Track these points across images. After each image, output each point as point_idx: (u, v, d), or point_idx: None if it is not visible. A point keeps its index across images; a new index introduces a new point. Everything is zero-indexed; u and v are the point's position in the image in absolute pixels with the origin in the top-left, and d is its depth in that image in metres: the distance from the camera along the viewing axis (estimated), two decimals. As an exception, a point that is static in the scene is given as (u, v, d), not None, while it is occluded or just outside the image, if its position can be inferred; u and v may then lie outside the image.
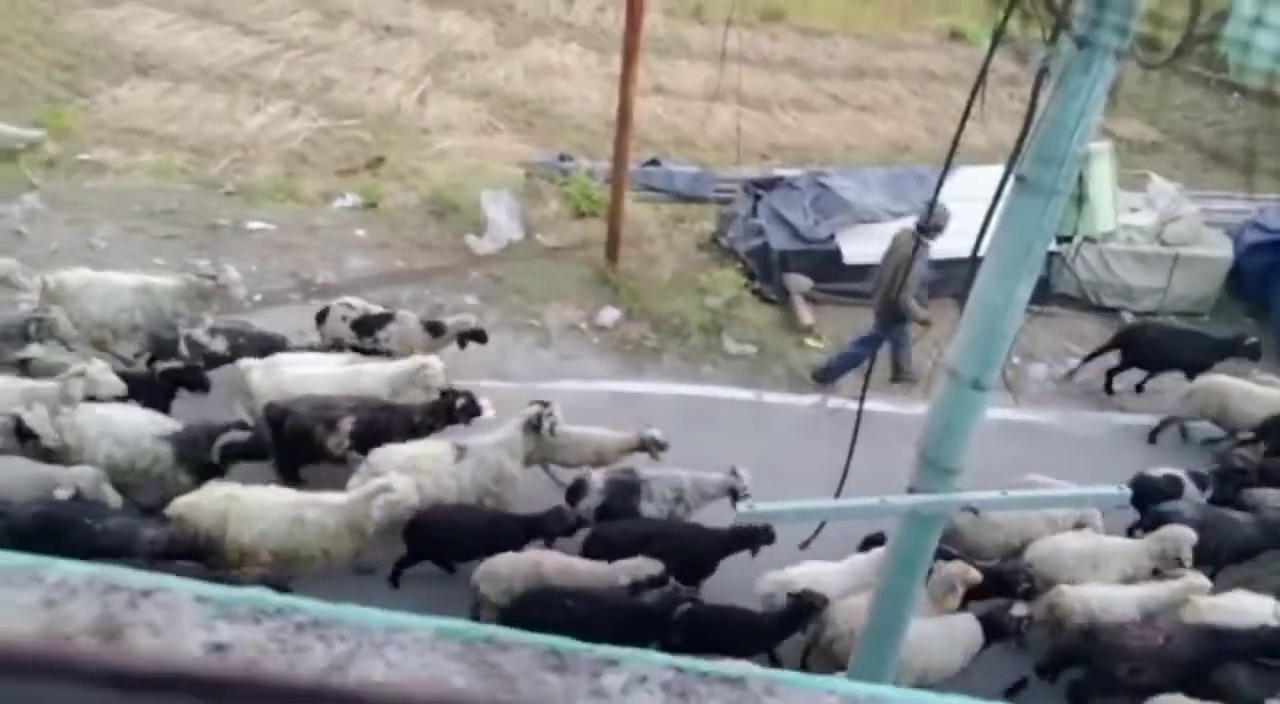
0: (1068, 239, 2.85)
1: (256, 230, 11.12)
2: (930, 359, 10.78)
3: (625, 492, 7.27)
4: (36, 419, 6.64)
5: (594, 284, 10.93)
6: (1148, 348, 10.17)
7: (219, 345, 8.12)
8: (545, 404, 7.54)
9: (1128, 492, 4.42)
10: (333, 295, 10.26)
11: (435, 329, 8.74)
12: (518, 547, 6.84)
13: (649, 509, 7.29)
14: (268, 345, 8.30)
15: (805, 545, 7.09)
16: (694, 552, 7.06)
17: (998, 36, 3.02)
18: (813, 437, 8.77)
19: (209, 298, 8.49)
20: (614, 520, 7.20)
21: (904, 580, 4.37)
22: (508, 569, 6.60)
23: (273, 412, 7.31)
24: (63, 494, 6.43)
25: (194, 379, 7.67)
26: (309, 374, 7.79)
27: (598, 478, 7.31)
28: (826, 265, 11.32)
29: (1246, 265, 12.06)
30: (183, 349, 8.00)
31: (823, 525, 6.92)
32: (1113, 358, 10.35)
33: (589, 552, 6.91)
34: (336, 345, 8.67)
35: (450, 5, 18.00)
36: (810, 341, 10.93)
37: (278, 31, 16.02)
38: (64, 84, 13.73)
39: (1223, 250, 12.06)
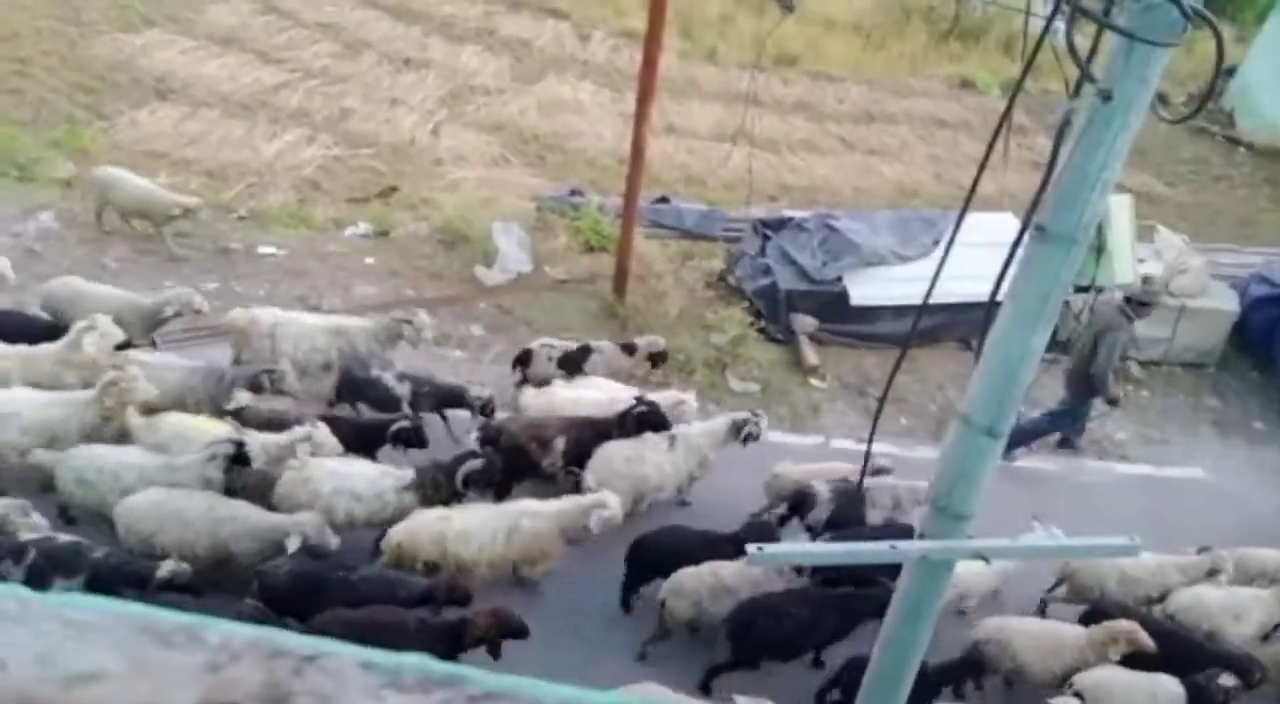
0: (1085, 289, 2.86)
1: (267, 255, 11.20)
2: (934, 403, 10.80)
3: (852, 501, 7.85)
4: (255, 446, 6.73)
5: (601, 318, 10.97)
6: None
7: (403, 391, 8.32)
8: (756, 414, 8.22)
9: (1138, 542, 4.38)
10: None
11: (629, 349, 9.53)
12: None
13: (874, 517, 7.90)
14: (448, 397, 8.50)
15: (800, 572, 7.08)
16: None
17: (1017, 89, 3.06)
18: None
19: (399, 340, 8.66)
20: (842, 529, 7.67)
21: (911, 627, 4.32)
22: (691, 582, 6.85)
23: (489, 431, 7.88)
24: (293, 544, 6.54)
25: (419, 439, 7.80)
26: (578, 397, 8.58)
27: (823, 489, 7.87)
28: (833, 307, 11.36)
29: (1252, 319, 12.07)
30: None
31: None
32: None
33: None
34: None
35: (468, 40, 18.27)
36: (814, 382, 10.93)
37: (298, 61, 16.24)
38: (85, 106, 13.90)
39: (1228, 303, 12.09)
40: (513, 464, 7.72)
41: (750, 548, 3.61)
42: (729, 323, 11.15)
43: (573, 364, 9.20)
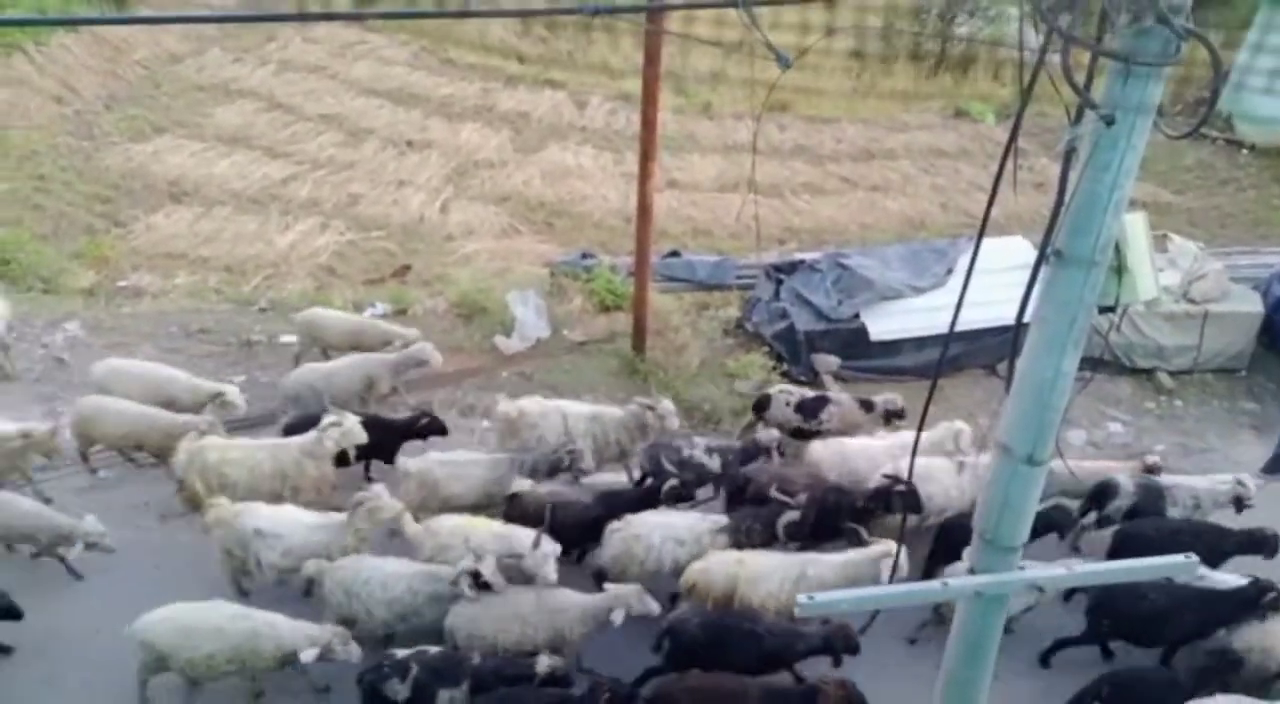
0: (1110, 309, 2.88)
1: (290, 344, 11.33)
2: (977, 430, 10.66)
3: (1154, 496, 8.34)
4: (488, 569, 6.96)
5: (623, 376, 10.99)
6: None
7: (714, 463, 8.75)
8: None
9: (1195, 560, 4.29)
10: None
11: (867, 406, 9.76)
12: None
13: (1173, 512, 8.31)
14: (745, 457, 8.89)
15: (862, 632, 6.95)
16: (1211, 548, 7.75)
17: (1018, 121, 3.10)
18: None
19: (646, 428, 8.96)
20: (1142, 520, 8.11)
21: (973, 667, 4.22)
22: None
23: (735, 481, 8.40)
24: (619, 618, 6.92)
25: (689, 494, 8.44)
26: (864, 446, 8.92)
27: (1127, 482, 8.35)
28: (853, 344, 11.35)
29: (1278, 318, 11.95)
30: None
31: (876, 614, 6.80)
32: None
33: (1121, 549, 7.81)
34: None
35: (468, 117, 18.71)
36: None
37: (304, 153, 16.66)
38: (102, 215, 14.29)
39: (1252, 305, 11.98)
40: (823, 519, 7.99)
41: (801, 598, 3.56)
42: (751, 369, 11.15)
43: (809, 411, 9.63)
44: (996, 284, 5.37)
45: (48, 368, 10.58)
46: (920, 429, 4.28)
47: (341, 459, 8.37)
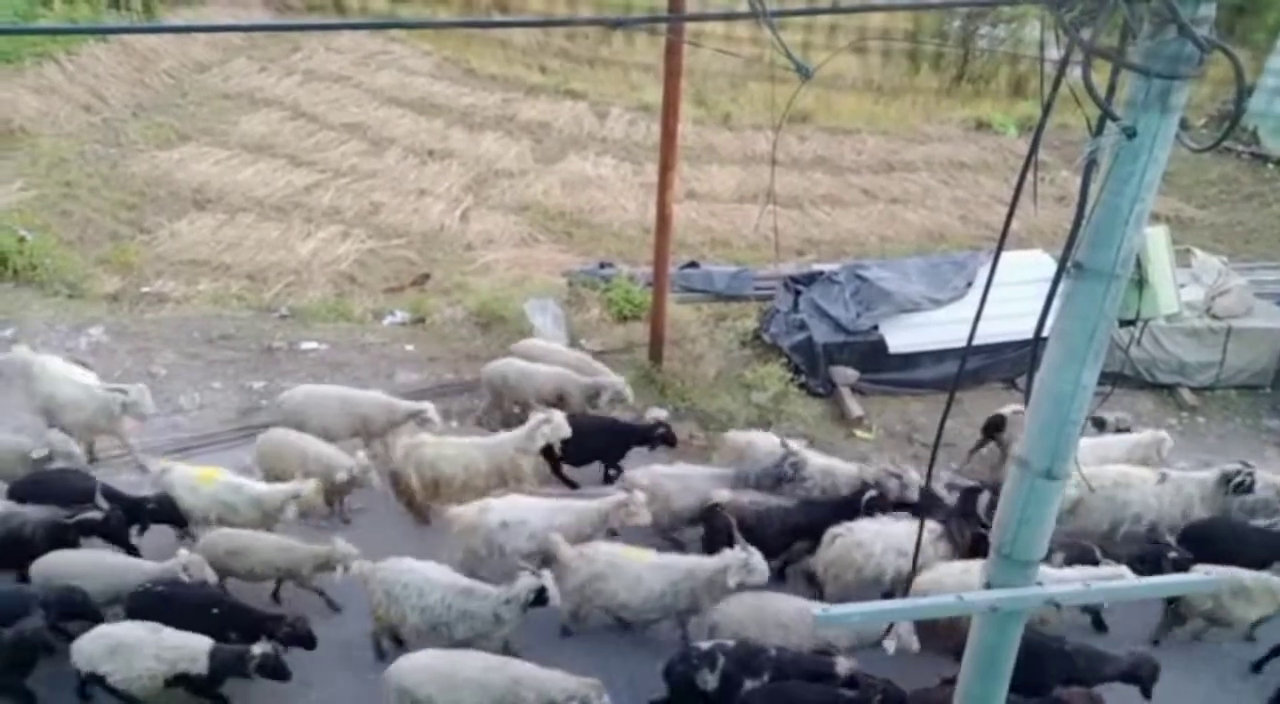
0: (1130, 323, 2.85)
1: (310, 350, 11.43)
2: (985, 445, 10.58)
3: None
4: (551, 587, 7.25)
5: (640, 385, 10.98)
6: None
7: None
8: (1248, 464, 8.49)
9: (1213, 577, 4.24)
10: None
11: (1098, 424, 9.96)
12: None
13: None
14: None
15: (878, 644, 6.91)
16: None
17: (1039, 134, 3.08)
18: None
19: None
20: None
21: (987, 682, 4.18)
22: None
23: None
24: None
25: (888, 505, 8.40)
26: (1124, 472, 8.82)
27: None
28: (871, 356, 11.31)
29: (1303, 335, 11.82)
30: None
31: (891, 625, 6.76)
32: None
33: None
34: None
35: (488, 127, 18.82)
36: (860, 433, 10.82)
37: (327, 162, 16.81)
38: (128, 222, 14.46)
39: (1276, 321, 11.84)
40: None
41: (815, 610, 3.55)
42: (768, 381, 11.13)
43: None
44: (1016, 297, 5.35)
45: (72, 371, 10.71)
46: (937, 445, 4.25)
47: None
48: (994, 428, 9.79)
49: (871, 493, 8.19)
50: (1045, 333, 3.43)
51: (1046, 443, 3.50)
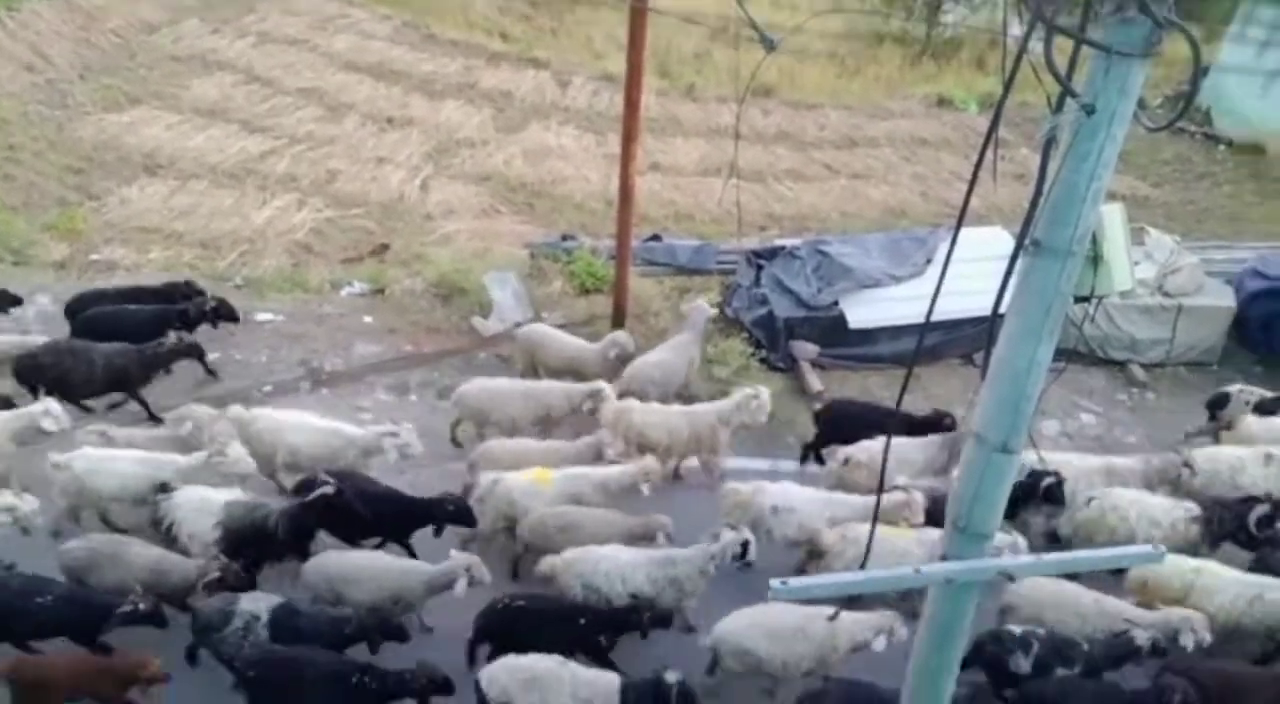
0: (1085, 299, 2.89)
1: (266, 322, 11.22)
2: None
3: None
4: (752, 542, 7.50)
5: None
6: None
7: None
8: None
9: (1162, 550, 4.34)
10: (342, 382, 10.32)
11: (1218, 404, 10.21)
12: None
13: None
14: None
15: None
16: None
17: (999, 110, 3.09)
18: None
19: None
20: None
21: (942, 654, 4.26)
22: None
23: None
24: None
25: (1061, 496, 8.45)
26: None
27: None
28: (832, 331, 11.38)
29: (1250, 313, 12.10)
30: None
31: (854, 598, 6.86)
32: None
33: None
34: None
35: (449, 95, 18.51)
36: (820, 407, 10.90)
37: (282, 128, 16.42)
38: (75, 187, 14.03)
39: (1225, 299, 12.12)
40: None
41: (774, 583, 3.57)
42: (730, 355, 11.15)
43: (1266, 410, 9.92)
44: (975, 274, 5.36)
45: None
46: (895, 419, 4.30)
47: None
48: (1217, 405, 10.12)
49: (1050, 480, 8.05)
50: (1003, 309, 3.46)
51: (1003, 418, 3.55)
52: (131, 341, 9.30)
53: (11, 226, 12.49)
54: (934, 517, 7.72)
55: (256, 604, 6.68)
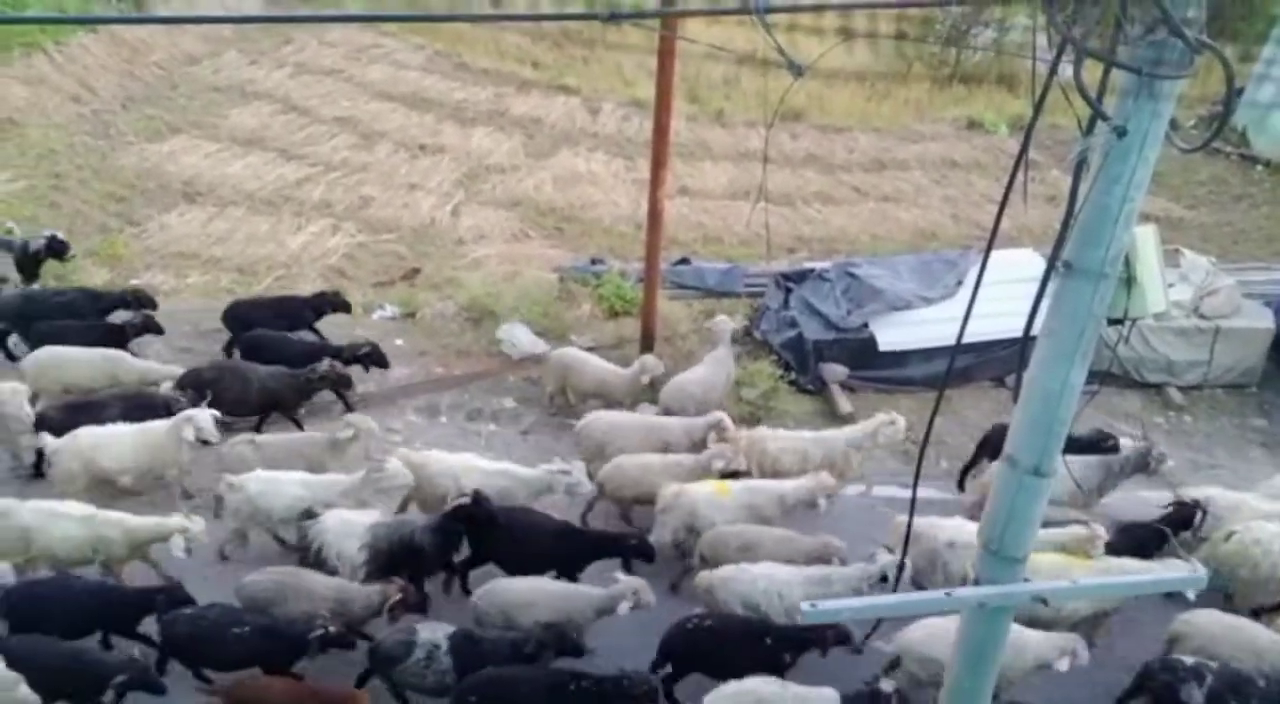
0: (1119, 322, 2.86)
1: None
2: (973, 443, 10.63)
3: None
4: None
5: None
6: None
7: None
8: None
9: (1203, 573, 4.27)
10: (374, 404, 10.44)
11: None
12: None
13: None
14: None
15: (865, 641, 6.93)
16: None
17: (1029, 132, 3.10)
18: (865, 525, 8.66)
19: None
20: None
21: (976, 678, 4.21)
22: None
23: None
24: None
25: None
26: None
27: None
28: (861, 354, 11.33)
29: (1290, 335, 11.90)
30: None
31: (879, 622, 6.78)
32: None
33: None
34: None
35: (480, 122, 18.78)
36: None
37: (318, 155, 16.74)
38: (117, 214, 14.37)
39: (1264, 321, 11.92)
40: None
41: (804, 606, 3.56)
42: (759, 377, 11.13)
43: None
44: (1006, 296, 5.37)
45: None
46: (926, 441, 4.27)
47: None
48: None
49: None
50: (1034, 331, 3.45)
51: (1035, 441, 3.53)
52: (290, 366, 9.80)
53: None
54: (1114, 548, 7.74)
55: (435, 633, 6.77)
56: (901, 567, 5.53)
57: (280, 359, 9.97)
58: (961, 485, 9.67)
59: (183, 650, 6.91)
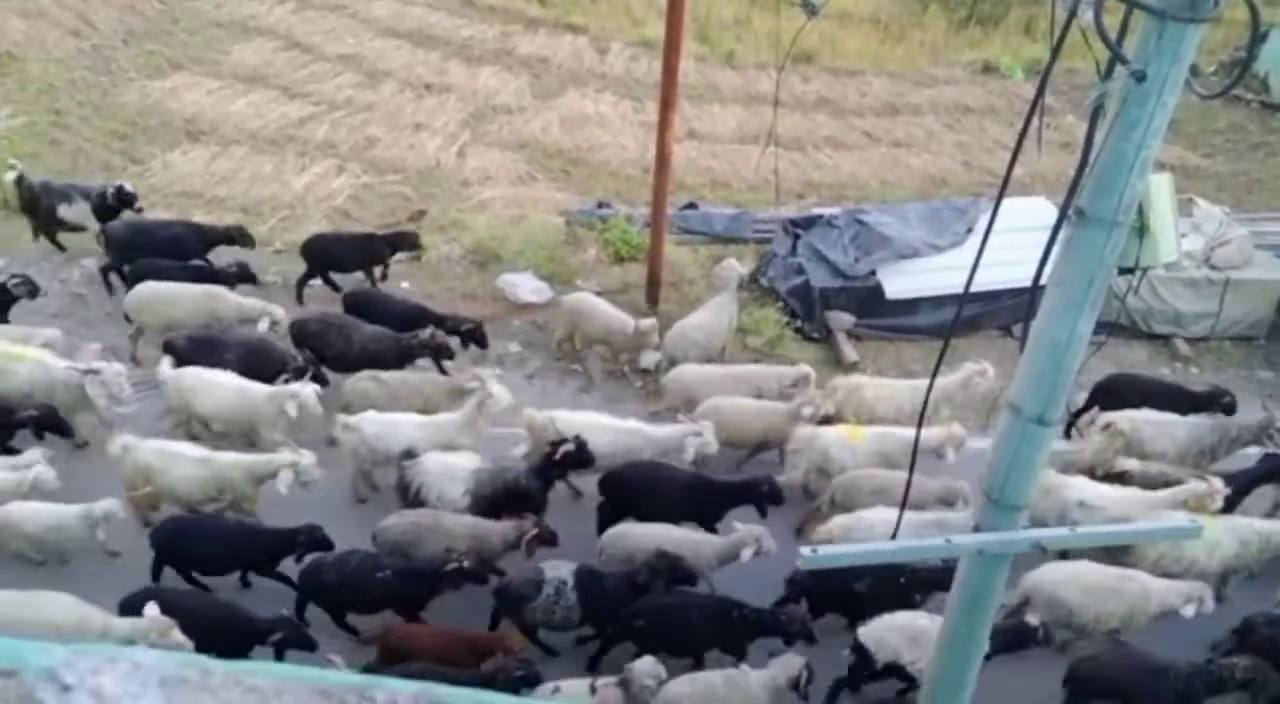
0: (1129, 271, 2.82)
1: (305, 287, 11.35)
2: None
3: None
4: None
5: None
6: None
7: None
8: None
9: (1200, 524, 4.30)
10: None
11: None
12: None
13: None
14: None
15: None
16: None
17: (1046, 76, 3.03)
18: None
19: None
20: None
21: (972, 623, 4.28)
22: None
23: None
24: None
25: None
26: None
27: None
28: (868, 302, 11.29)
29: (1302, 287, 11.80)
30: None
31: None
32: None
33: None
34: None
35: (487, 62, 18.44)
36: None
37: (322, 94, 16.49)
38: (120, 152, 14.22)
39: (1275, 272, 11.82)
40: None
41: (804, 550, 3.60)
42: (765, 324, 11.12)
43: None
44: (1016, 244, 5.31)
45: (65, 303, 10.67)
46: (929, 392, 4.27)
47: None
48: None
49: None
50: (1044, 281, 3.42)
51: (1041, 390, 3.52)
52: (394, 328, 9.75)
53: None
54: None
55: (559, 571, 7.00)
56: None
57: (382, 320, 9.86)
58: (1068, 433, 9.78)
59: (325, 596, 7.09)
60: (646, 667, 6.24)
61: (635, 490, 7.94)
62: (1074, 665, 6.79)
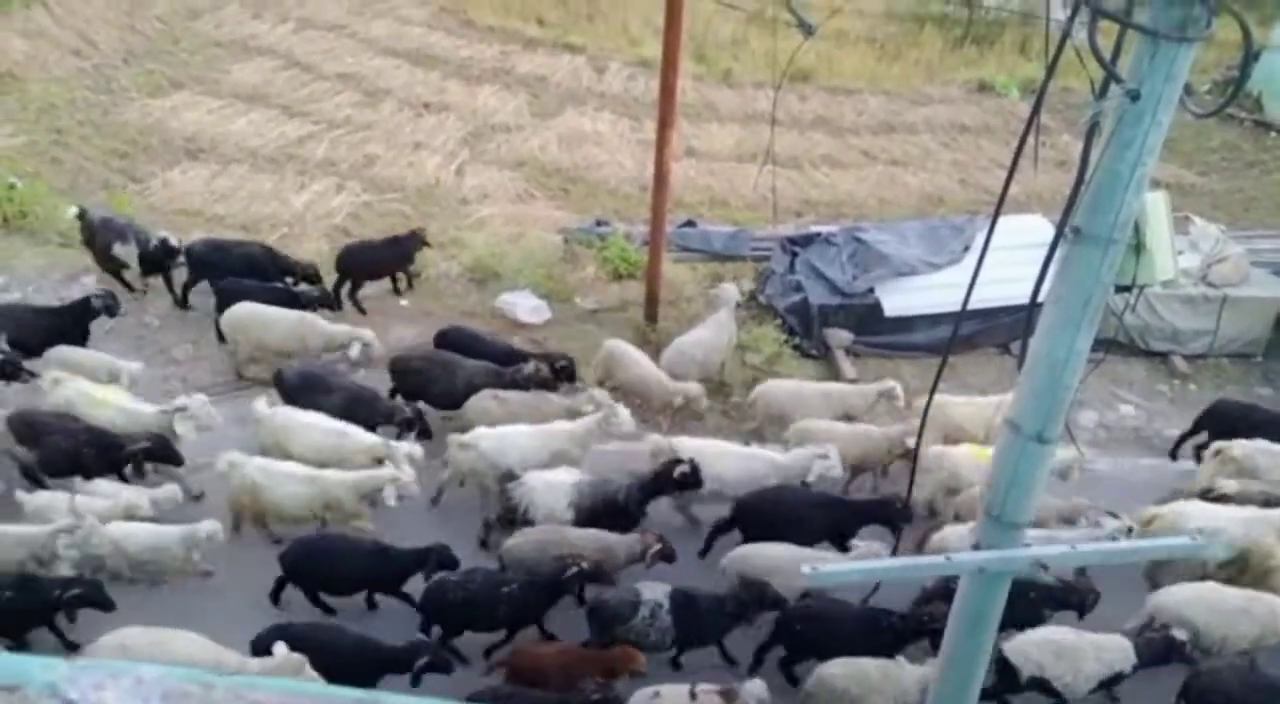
0: (1127, 288, 2.84)
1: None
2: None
3: None
4: None
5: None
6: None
7: None
8: None
9: (1201, 541, 4.30)
10: (378, 366, 10.46)
11: None
12: None
13: None
14: None
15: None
16: None
17: (1041, 95, 3.05)
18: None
19: None
20: None
21: (973, 641, 4.26)
22: None
23: None
24: None
25: None
26: None
27: None
28: (867, 319, 11.31)
29: (1298, 304, 11.83)
30: None
31: (877, 586, 6.87)
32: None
33: None
34: None
35: (486, 80, 18.55)
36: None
37: (321, 112, 16.58)
38: (119, 171, 14.28)
39: (1272, 290, 11.86)
40: None
41: (805, 569, 3.59)
42: (763, 342, 11.13)
43: None
44: (1013, 262, 5.34)
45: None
46: (928, 410, 4.28)
47: None
48: None
49: None
50: (1041, 298, 3.43)
51: (1040, 407, 3.53)
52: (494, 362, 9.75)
53: (59, 209, 12.73)
54: None
55: (655, 592, 7.06)
56: (898, 543, 5.58)
57: (477, 355, 9.80)
58: (1174, 455, 9.90)
59: (449, 615, 7.08)
60: (757, 690, 6.32)
61: (771, 514, 8.02)
62: (1189, 680, 6.80)
